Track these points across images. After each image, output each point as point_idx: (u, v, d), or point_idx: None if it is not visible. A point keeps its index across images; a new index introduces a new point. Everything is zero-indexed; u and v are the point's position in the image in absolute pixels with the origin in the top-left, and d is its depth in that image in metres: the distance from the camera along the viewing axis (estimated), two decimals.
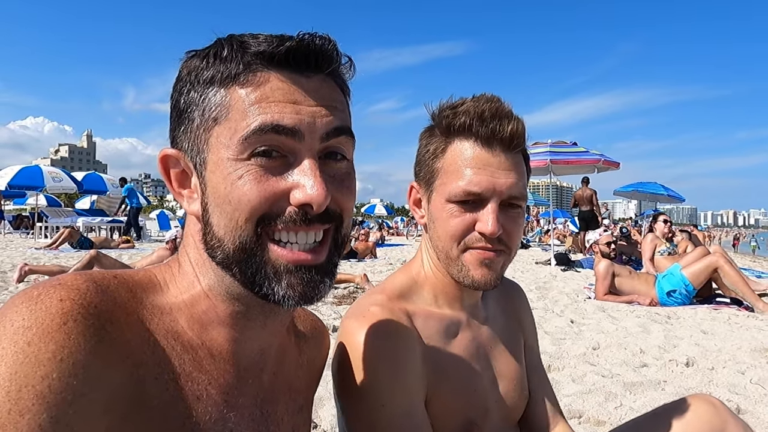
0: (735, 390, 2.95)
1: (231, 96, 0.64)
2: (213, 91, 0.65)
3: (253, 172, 0.62)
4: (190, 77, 0.67)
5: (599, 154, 10.99)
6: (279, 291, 0.64)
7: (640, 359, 3.55)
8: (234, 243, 0.64)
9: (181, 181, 0.71)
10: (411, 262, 1.17)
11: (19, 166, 17.33)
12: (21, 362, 0.51)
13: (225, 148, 0.63)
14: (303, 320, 0.94)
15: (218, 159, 0.64)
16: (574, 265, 9.68)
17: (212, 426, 0.66)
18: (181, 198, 0.71)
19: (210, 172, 0.65)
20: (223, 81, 0.65)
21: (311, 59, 0.66)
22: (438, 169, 1.05)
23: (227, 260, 0.65)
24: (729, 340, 4.08)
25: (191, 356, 0.66)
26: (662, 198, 16.94)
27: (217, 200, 0.64)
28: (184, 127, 0.68)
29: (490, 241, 1.00)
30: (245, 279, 0.65)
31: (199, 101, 0.66)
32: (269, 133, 0.62)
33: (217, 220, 0.65)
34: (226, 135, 0.64)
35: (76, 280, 0.60)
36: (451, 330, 1.09)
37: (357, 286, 6.61)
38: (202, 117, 0.66)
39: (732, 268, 5.54)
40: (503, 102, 1.02)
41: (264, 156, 0.63)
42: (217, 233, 0.65)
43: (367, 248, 11.58)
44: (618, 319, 4.89)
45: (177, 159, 0.70)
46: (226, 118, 0.64)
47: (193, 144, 0.67)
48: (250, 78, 0.64)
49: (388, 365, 0.94)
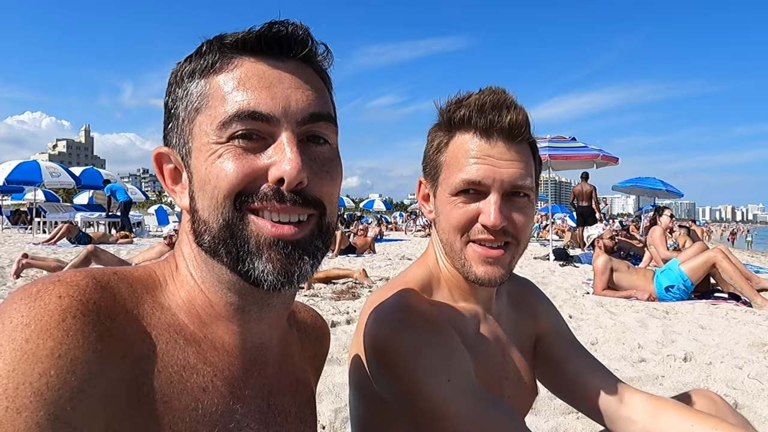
0: (732, 385, 2.96)
1: (210, 84, 0.67)
2: (194, 83, 0.68)
3: (231, 151, 0.65)
4: (176, 78, 0.71)
5: (598, 150, 10.99)
6: (259, 266, 0.65)
7: (638, 354, 3.56)
8: (217, 221, 0.65)
9: (174, 178, 0.73)
10: (425, 256, 1.16)
11: (16, 161, 17.30)
12: (19, 359, 0.51)
13: (206, 134, 0.66)
14: (303, 315, 0.95)
15: (200, 145, 0.67)
16: (573, 261, 9.69)
17: (219, 417, 0.66)
18: (174, 194, 0.73)
19: (194, 158, 0.68)
20: (203, 72, 0.68)
21: (283, 44, 0.68)
22: (442, 163, 1.05)
23: (214, 242, 0.66)
24: (727, 335, 4.10)
25: (195, 349, 0.67)
26: (661, 193, 16.94)
27: (200, 183, 0.66)
28: (172, 124, 0.71)
29: (494, 233, 0.99)
30: (230, 259, 0.66)
31: (183, 96, 0.69)
32: (246, 119, 0.64)
33: (200, 203, 0.67)
34: (207, 122, 0.66)
35: (75, 277, 0.60)
36: (472, 323, 1.09)
37: (356, 281, 6.61)
38: (186, 110, 0.69)
39: (730, 264, 5.55)
40: (507, 93, 1.01)
41: (243, 138, 0.65)
42: (202, 216, 0.67)
43: (365, 243, 11.57)
44: (616, 314, 4.90)
45: (169, 156, 0.72)
46: (207, 106, 0.67)
47: (179, 137, 0.70)
48: (225, 65, 0.67)
49: (439, 344, 0.92)
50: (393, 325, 0.94)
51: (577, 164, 11.77)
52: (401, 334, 0.93)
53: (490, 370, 1.07)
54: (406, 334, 0.92)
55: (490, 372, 1.07)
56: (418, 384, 0.90)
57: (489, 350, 1.09)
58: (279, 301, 0.74)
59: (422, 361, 0.90)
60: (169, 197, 0.74)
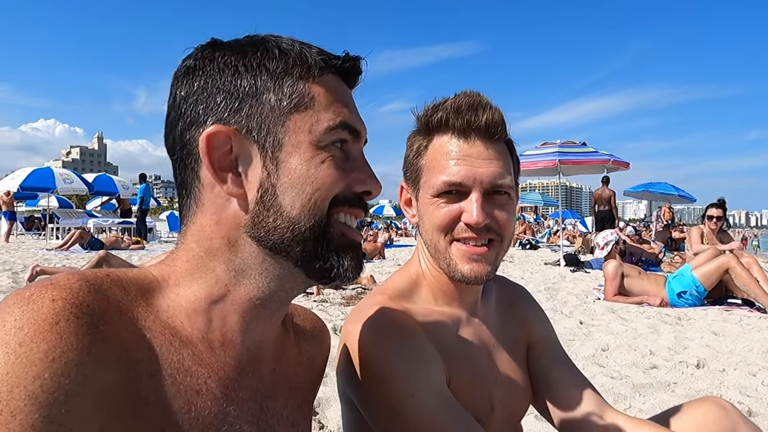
0: (746, 392, 2.92)
1: (312, 90, 0.71)
2: (290, 81, 0.71)
3: (332, 159, 0.71)
4: (249, 63, 0.70)
5: (608, 155, 10.93)
6: (344, 263, 0.73)
7: (649, 361, 3.52)
8: (309, 221, 0.69)
9: (222, 163, 0.69)
10: (409, 263, 1.18)
11: (30, 168, 17.51)
12: (12, 363, 0.51)
13: (306, 133, 0.70)
14: (303, 319, 0.94)
15: (297, 142, 0.69)
16: (584, 266, 9.61)
17: (212, 420, 0.66)
18: (221, 182, 0.69)
19: (287, 153, 0.69)
20: (302, 75, 0.71)
21: (356, 75, 0.78)
22: (422, 166, 1.07)
23: (294, 239, 0.69)
24: (740, 341, 4.04)
25: (190, 350, 0.66)
26: (673, 198, 16.79)
27: (294, 181, 0.69)
28: (248, 108, 0.69)
29: (478, 231, 1.00)
30: (306, 256, 0.71)
31: (274, 87, 0.70)
32: (344, 129, 0.72)
33: (291, 200, 0.69)
34: (308, 122, 0.70)
35: (68, 280, 0.59)
36: (453, 327, 1.09)
37: (364, 287, 6.61)
38: (279, 102, 0.70)
39: (743, 269, 5.47)
40: (482, 95, 1.04)
41: (337, 148, 0.72)
42: (290, 213, 0.69)
43: (375, 249, 11.59)
44: (628, 320, 4.85)
45: (228, 137, 0.69)
46: (308, 108, 0.70)
47: (263, 125, 0.69)
48: (325, 78, 0.73)
49: (406, 357, 0.94)
50: (362, 339, 0.97)
51: (588, 169, 11.71)
52: (367, 348, 0.95)
53: (475, 374, 1.07)
54: (373, 348, 0.95)
55: (474, 375, 1.07)
56: (379, 404, 0.94)
57: (473, 353, 1.09)
58: (343, 283, 0.80)
59: (387, 378, 0.92)
60: (218, 185, 0.74)
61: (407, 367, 0.93)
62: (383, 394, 0.93)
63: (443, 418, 0.91)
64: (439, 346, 1.02)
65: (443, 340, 1.04)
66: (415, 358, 0.95)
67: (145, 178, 16.47)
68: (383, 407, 0.93)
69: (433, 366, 0.96)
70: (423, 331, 1.01)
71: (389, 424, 0.93)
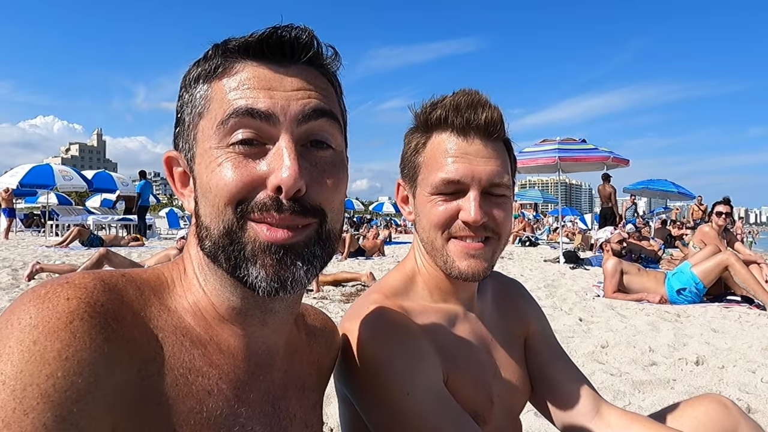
0: (746, 389, 2.93)
1: (212, 89, 0.68)
2: (198, 88, 0.69)
3: (231, 159, 0.64)
4: (184, 83, 0.72)
5: (608, 152, 10.92)
6: (253, 272, 0.64)
7: (649, 358, 3.52)
8: (218, 229, 0.65)
9: (183, 181, 0.74)
10: (405, 260, 1.18)
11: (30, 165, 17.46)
12: (27, 361, 0.52)
13: (208, 138, 0.66)
14: (313, 318, 0.94)
15: (203, 150, 0.67)
16: (583, 263, 9.62)
17: (223, 421, 0.66)
18: (183, 197, 0.74)
19: (197, 164, 0.68)
20: (207, 77, 0.68)
21: (286, 48, 0.67)
22: (420, 163, 1.07)
23: (214, 248, 0.66)
24: (740, 338, 4.05)
25: (201, 351, 0.67)
26: (672, 195, 16.80)
27: (202, 189, 0.67)
28: (179, 129, 0.72)
29: (475, 229, 1.01)
30: (229, 265, 0.65)
31: (188, 101, 0.70)
32: (244, 117, 0.64)
33: (203, 209, 0.67)
34: (209, 126, 0.66)
35: (83, 279, 0.60)
36: (450, 323, 1.09)
37: (364, 284, 6.62)
38: (190, 115, 0.70)
39: (743, 266, 5.48)
40: (481, 93, 1.04)
41: (243, 144, 0.64)
42: (204, 222, 0.67)
43: (375, 246, 11.57)
44: (627, 317, 4.86)
45: (177, 159, 0.73)
46: (208, 110, 0.67)
47: (186, 142, 0.70)
48: (228, 70, 0.67)
49: (401, 355, 0.94)
50: (358, 336, 0.97)
51: (588, 166, 11.70)
52: (364, 346, 0.95)
53: (474, 370, 1.08)
54: (369, 346, 0.95)
55: (473, 371, 1.07)
56: (374, 402, 0.94)
57: (470, 349, 1.09)
58: (281, 306, 0.73)
59: (383, 376, 0.93)
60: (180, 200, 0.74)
61: (402, 365, 0.93)
62: (378, 392, 0.93)
63: (437, 416, 0.91)
64: (436, 343, 1.02)
65: (440, 337, 1.05)
66: (411, 355, 0.95)
67: (145, 174, 16.46)
68: (378, 405, 0.94)
69: (429, 364, 0.97)
70: (419, 328, 1.02)
71: (384, 421, 0.93)
